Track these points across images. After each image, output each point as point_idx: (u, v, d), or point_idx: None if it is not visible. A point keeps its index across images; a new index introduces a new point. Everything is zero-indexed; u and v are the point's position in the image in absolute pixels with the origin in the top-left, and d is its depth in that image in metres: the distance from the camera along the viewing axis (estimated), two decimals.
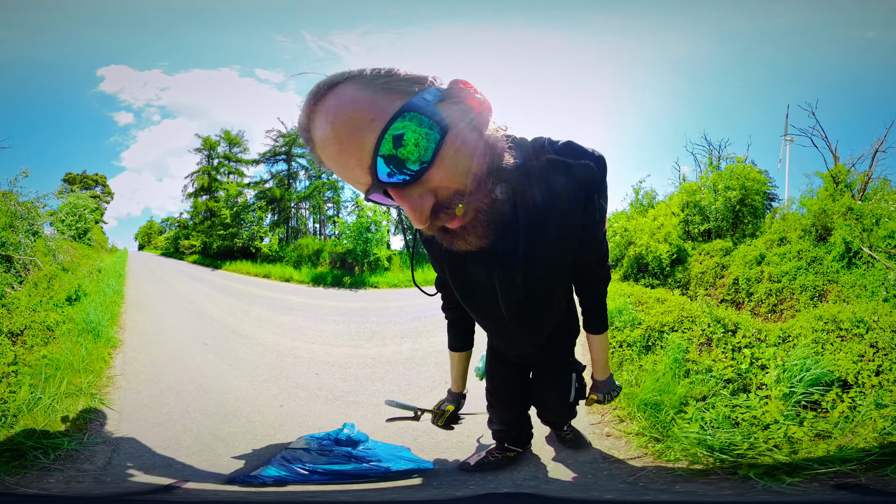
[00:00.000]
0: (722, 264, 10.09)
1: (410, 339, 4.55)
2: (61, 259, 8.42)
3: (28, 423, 2.20)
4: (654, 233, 11.78)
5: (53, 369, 2.74)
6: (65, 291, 5.64)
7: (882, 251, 6.32)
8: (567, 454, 2.16)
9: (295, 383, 3.09)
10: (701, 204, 11.99)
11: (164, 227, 22.59)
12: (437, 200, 0.83)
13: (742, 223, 11.32)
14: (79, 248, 13.20)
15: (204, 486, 1.79)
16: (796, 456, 1.96)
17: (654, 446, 2.16)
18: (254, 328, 5.00)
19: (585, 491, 1.80)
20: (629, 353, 3.61)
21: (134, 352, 3.82)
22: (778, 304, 7.46)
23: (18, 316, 3.92)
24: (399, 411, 1.78)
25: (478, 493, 1.72)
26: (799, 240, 8.32)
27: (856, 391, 2.42)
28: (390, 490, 1.80)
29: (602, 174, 1.14)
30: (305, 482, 1.86)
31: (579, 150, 1.12)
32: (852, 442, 2.02)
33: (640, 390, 2.63)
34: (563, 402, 1.71)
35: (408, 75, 0.83)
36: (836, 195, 8.32)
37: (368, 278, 11.21)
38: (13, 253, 6.41)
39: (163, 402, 2.72)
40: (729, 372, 2.73)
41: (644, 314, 4.56)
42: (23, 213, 7.51)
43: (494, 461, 1.98)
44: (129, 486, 1.77)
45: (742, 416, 2.29)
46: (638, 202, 14.88)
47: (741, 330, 3.35)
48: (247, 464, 2.01)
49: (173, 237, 19.68)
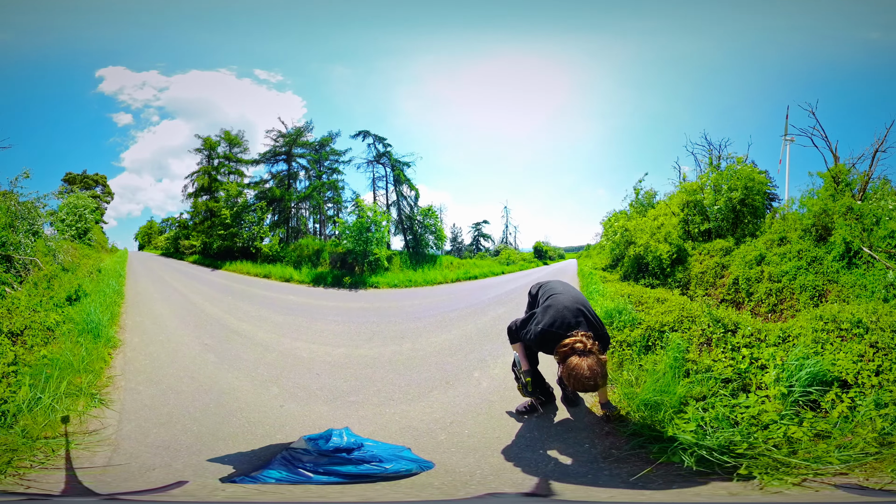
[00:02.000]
0: (722, 264, 10.09)
1: (410, 340, 4.55)
2: (61, 259, 8.42)
3: (28, 423, 2.20)
4: (654, 233, 11.78)
5: (53, 369, 2.74)
6: (65, 291, 5.64)
7: (882, 251, 6.32)
8: (568, 454, 2.16)
9: (295, 383, 3.09)
10: (701, 204, 12.00)
11: (164, 227, 22.57)
12: None
13: (742, 223, 11.32)
14: (79, 248, 13.20)
15: (204, 486, 1.79)
16: (796, 456, 1.96)
17: (653, 446, 2.16)
18: (254, 328, 4.99)
19: (586, 490, 1.80)
20: (629, 353, 3.61)
21: (134, 352, 3.82)
22: (778, 304, 7.46)
23: (18, 316, 3.92)
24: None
25: (478, 494, 1.72)
26: (799, 240, 8.31)
27: (856, 391, 2.42)
28: (391, 490, 1.80)
29: None
30: (306, 483, 1.86)
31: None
32: (852, 442, 2.02)
33: (640, 390, 2.63)
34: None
35: None
36: (837, 195, 8.31)
37: (368, 278, 11.21)
38: (13, 253, 6.42)
39: (163, 402, 2.72)
40: (728, 372, 2.73)
41: (644, 314, 4.56)
42: (23, 213, 7.52)
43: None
44: (129, 485, 1.77)
45: (741, 415, 2.29)
46: (638, 202, 14.88)
47: (741, 330, 3.35)
48: (247, 464, 2.01)
49: (173, 237, 19.67)
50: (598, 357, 2.04)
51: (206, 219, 17.51)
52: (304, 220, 18.15)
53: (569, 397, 2.82)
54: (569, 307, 2.27)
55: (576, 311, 2.25)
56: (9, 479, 1.76)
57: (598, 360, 2.03)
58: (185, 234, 18.58)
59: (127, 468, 1.93)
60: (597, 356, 2.04)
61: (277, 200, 17.62)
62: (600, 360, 2.05)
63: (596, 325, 2.26)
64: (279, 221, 17.77)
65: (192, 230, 18.18)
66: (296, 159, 17.73)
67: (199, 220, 17.89)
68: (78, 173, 19.16)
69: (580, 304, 2.33)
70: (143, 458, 2.04)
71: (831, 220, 7.75)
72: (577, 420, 2.57)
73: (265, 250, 16.54)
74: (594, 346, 2.08)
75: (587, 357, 2.01)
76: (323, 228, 18.35)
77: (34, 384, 2.52)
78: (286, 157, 17.77)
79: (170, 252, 19.41)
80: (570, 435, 2.38)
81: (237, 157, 17.64)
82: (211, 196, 17.41)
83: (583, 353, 2.03)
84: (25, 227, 7.32)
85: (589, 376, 1.96)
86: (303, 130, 17.44)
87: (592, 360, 2.01)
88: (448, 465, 2.07)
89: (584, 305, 2.33)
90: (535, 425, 2.50)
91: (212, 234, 16.66)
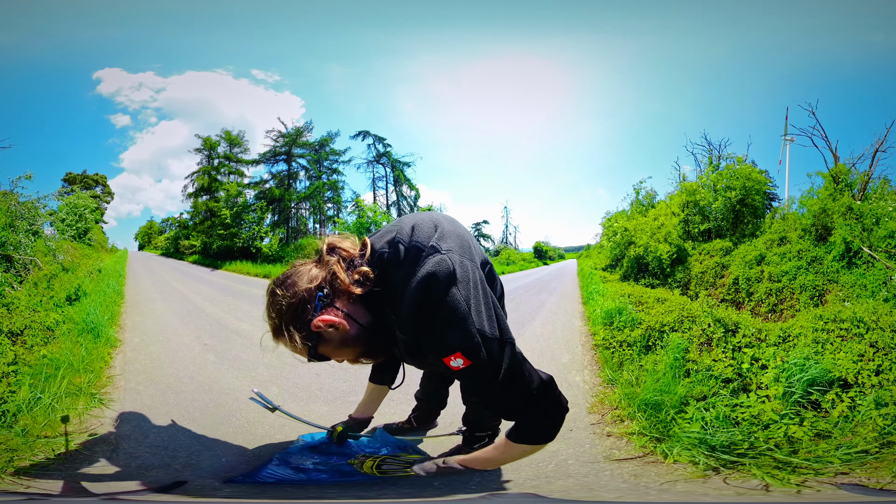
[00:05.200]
0: (722, 264, 10.09)
1: None
2: (61, 259, 8.43)
3: (28, 423, 2.20)
4: (654, 233, 11.78)
5: (53, 369, 2.74)
6: (65, 291, 5.64)
7: (882, 251, 6.32)
8: (568, 454, 2.16)
9: (295, 383, 3.09)
10: (701, 204, 12.00)
11: (164, 227, 22.57)
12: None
13: (742, 223, 11.32)
14: (79, 247, 13.20)
15: (204, 486, 1.79)
16: (797, 455, 1.96)
17: (654, 446, 2.16)
18: (254, 328, 4.99)
19: (587, 491, 1.80)
20: (629, 353, 3.61)
21: (134, 352, 3.82)
22: (778, 304, 7.46)
23: (18, 316, 3.92)
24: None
25: (479, 494, 1.72)
26: (799, 239, 8.31)
27: (856, 391, 2.42)
28: (390, 490, 1.80)
29: (427, 296, 1.35)
30: (305, 482, 1.86)
31: (421, 255, 1.41)
32: (852, 442, 2.02)
33: (641, 390, 2.63)
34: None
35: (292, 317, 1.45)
36: (837, 195, 8.32)
37: None
38: (13, 253, 6.42)
39: (163, 402, 2.72)
40: (729, 372, 2.73)
41: (644, 314, 4.57)
42: (23, 213, 7.52)
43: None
44: (129, 485, 1.77)
45: (742, 415, 2.29)
46: (638, 202, 14.89)
47: (741, 330, 3.35)
48: (246, 464, 2.01)
49: (173, 237, 19.66)
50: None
51: (206, 219, 17.49)
52: (304, 220, 18.14)
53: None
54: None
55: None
56: (9, 479, 1.76)
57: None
58: (185, 234, 18.58)
59: (126, 468, 1.93)
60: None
61: (277, 200, 17.61)
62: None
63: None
64: (279, 221, 17.75)
65: (191, 230, 18.16)
66: (296, 159, 17.71)
67: (198, 220, 17.86)
68: (78, 173, 19.13)
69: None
70: (142, 458, 2.04)
71: (831, 220, 7.76)
72: (577, 420, 2.57)
73: (265, 250, 16.53)
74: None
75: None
76: (323, 228, 18.34)
77: (34, 384, 2.52)
78: (286, 157, 17.75)
79: (170, 252, 19.39)
80: (570, 435, 2.38)
81: (237, 157, 17.62)
82: (211, 196, 17.39)
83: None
84: (25, 227, 7.32)
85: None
86: (302, 130, 17.43)
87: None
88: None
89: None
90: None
91: (212, 234, 16.64)
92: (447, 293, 1.31)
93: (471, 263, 1.44)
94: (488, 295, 1.43)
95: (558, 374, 1.59)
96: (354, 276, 1.42)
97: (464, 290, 1.34)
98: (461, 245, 1.48)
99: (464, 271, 1.39)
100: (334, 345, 1.45)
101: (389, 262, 1.42)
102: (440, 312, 1.31)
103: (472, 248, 1.54)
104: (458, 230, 1.56)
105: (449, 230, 1.51)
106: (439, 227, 1.50)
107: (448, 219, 1.60)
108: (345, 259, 1.45)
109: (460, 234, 1.54)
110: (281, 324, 1.45)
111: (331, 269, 1.42)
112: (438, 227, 1.49)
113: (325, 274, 1.42)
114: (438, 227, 1.49)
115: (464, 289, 1.35)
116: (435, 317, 1.31)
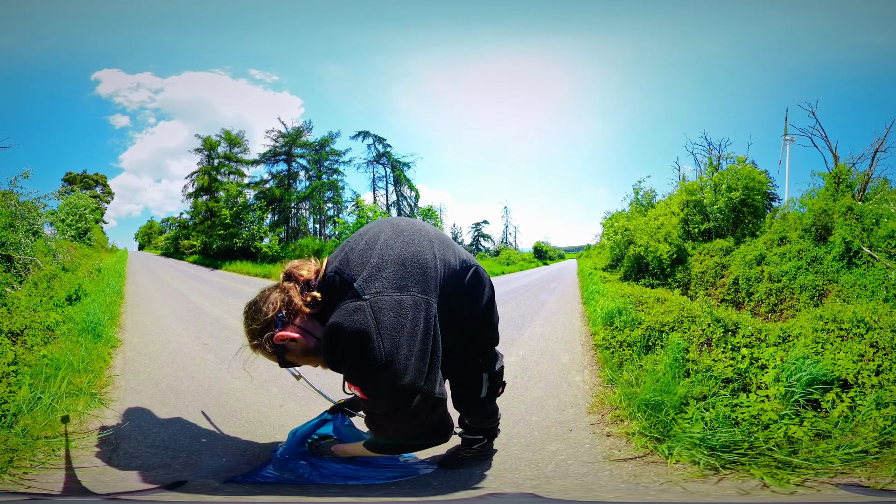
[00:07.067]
0: (722, 264, 10.09)
1: None
2: (61, 259, 8.43)
3: (28, 423, 2.20)
4: (654, 233, 11.78)
5: (53, 369, 2.74)
6: (65, 291, 5.64)
7: (882, 251, 6.32)
8: (568, 454, 2.16)
9: (295, 383, 3.09)
10: (702, 203, 12.00)
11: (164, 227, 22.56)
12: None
13: (742, 223, 11.32)
14: (79, 247, 13.21)
15: (204, 486, 1.79)
16: (797, 455, 1.96)
17: (654, 446, 2.16)
18: None
19: (586, 491, 1.80)
20: (629, 353, 3.61)
21: (134, 352, 3.82)
22: (778, 304, 7.46)
23: (18, 316, 3.92)
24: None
25: (479, 494, 1.72)
26: (799, 239, 8.31)
27: (856, 391, 2.42)
28: (390, 490, 1.80)
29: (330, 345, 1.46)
30: (305, 482, 1.86)
31: (347, 293, 1.48)
32: (852, 442, 2.02)
33: (641, 390, 2.63)
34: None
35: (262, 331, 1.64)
36: (837, 195, 8.32)
37: None
38: (13, 253, 6.41)
39: (163, 402, 2.72)
40: (729, 372, 2.73)
41: (644, 314, 4.56)
42: (23, 213, 7.52)
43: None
44: (129, 485, 1.77)
45: (742, 415, 2.29)
46: (638, 202, 14.89)
47: (741, 330, 3.35)
48: (246, 464, 2.01)
49: (173, 237, 19.64)
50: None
51: (206, 219, 17.47)
52: (304, 220, 18.13)
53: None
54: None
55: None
56: (9, 479, 1.76)
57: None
58: (185, 234, 18.55)
59: (127, 468, 1.93)
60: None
61: (277, 200, 17.60)
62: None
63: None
64: (279, 221, 17.74)
65: (191, 230, 18.14)
66: (296, 159, 17.70)
67: (198, 220, 17.85)
68: (78, 173, 19.13)
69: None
70: (142, 458, 2.04)
71: (831, 220, 7.76)
72: (577, 420, 2.57)
73: (265, 250, 16.50)
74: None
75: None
76: (323, 228, 18.34)
77: (34, 384, 2.52)
78: (286, 157, 17.74)
79: (170, 252, 19.38)
80: (570, 435, 2.38)
81: (237, 157, 17.61)
82: (211, 196, 17.38)
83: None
84: (25, 227, 7.32)
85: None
86: (302, 130, 17.43)
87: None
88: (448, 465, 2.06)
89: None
90: (535, 425, 2.50)
91: (212, 234, 16.63)
92: (349, 352, 1.41)
93: (413, 298, 1.42)
94: (428, 336, 1.43)
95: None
96: (307, 299, 1.60)
97: (384, 342, 1.38)
98: (405, 274, 1.45)
99: (395, 314, 1.39)
100: (297, 354, 1.65)
101: (330, 288, 1.57)
102: (346, 364, 1.46)
103: (427, 271, 1.49)
104: (408, 251, 1.51)
105: (392, 255, 1.49)
106: (380, 253, 1.50)
107: (400, 234, 1.57)
108: (301, 283, 1.64)
109: (407, 258, 1.49)
110: (253, 340, 1.68)
111: (288, 294, 1.62)
112: (376, 254, 1.50)
113: (283, 297, 1.62)
114: (379, 253, 1.50)
115: (385, 340, 1.37)
116: (343, 363, 1.46)
